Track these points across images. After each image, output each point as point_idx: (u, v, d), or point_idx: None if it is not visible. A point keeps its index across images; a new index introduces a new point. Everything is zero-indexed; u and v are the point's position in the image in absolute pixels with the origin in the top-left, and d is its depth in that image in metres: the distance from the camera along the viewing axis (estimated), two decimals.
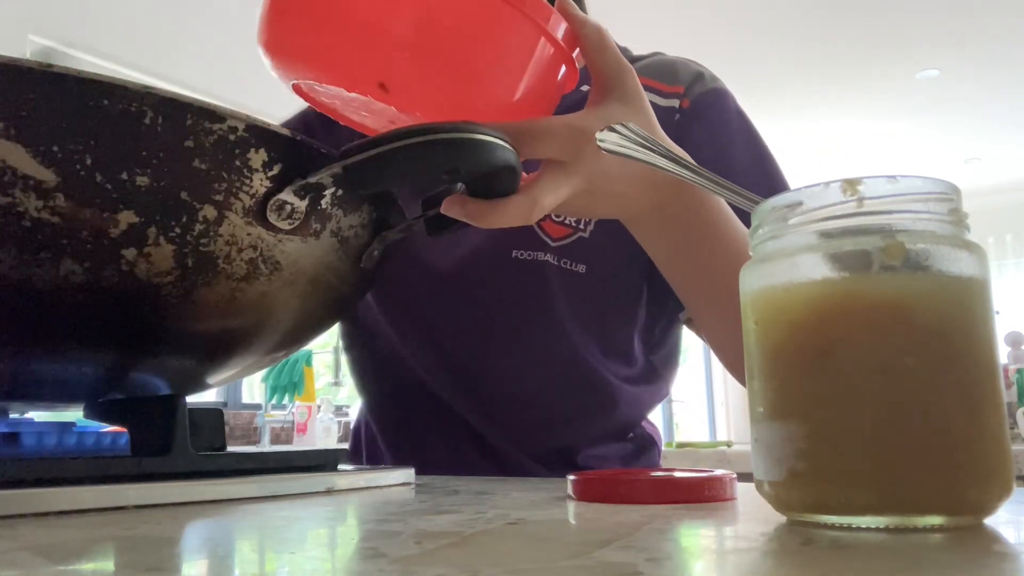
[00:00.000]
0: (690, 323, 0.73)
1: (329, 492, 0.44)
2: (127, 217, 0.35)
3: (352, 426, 0.88)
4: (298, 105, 0.67)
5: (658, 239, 0.55)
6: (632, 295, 0.71)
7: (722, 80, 0.73)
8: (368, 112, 0.48)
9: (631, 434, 0.76)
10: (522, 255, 0.67)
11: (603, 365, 0.71)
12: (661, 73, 0.71)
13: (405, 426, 0.75)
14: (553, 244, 0.67)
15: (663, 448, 0.81)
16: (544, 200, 0.44)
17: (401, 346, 0.74)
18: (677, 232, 0.54)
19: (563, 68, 0.47)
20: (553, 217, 0.67)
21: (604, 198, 0.48)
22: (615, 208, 0.50)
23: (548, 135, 0.44)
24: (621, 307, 0.71)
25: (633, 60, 0.75)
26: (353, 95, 0.45)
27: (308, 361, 3.16)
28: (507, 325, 0.69)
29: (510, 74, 0.44)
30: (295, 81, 0.47)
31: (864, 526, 0.27)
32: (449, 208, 0.45)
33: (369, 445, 0.81)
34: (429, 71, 0.43)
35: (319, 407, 3.10)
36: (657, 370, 0.76)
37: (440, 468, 0.68)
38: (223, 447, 0.49)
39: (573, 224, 0.67)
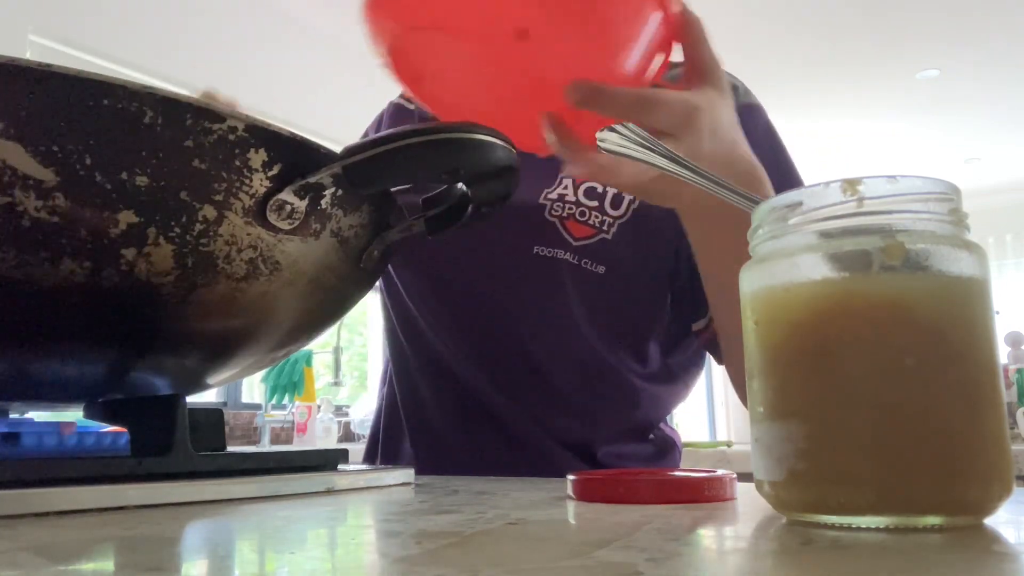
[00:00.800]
0: (698, 335, 0.73)
1: (329, 492, 0.44)
2: (127, 217, 0.35)
3: (372, 423, 0.89)
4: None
5: (712, 235, 0.56)
6: (648, 298, 0.72)
7: (755, 95, 0.74)
8: (467, 76, 0.47)
9: (651, 435, 0.77)
10: (543, 252, 0.69)
11: (620, 362, 0.72)
12: None
13: (431, 416, 0.76)
14: (575, 244, 0.68)
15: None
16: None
17: (431, 333, 0.75)
18: (734, 231, 0.55)
19: (660, 57, 0.47)
20: (578, 217, 0.69)
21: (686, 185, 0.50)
22: (696, 192, 0.51)
23: (667, 104, 0.45)
24: (637, 309, 0.72)
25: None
26: (466, 55, 0.44)
27: (308, 361, 3.16)
28: (525, 317, 0.71)
29: (629, 40, 0.45)
30: (393, 39, 0.45)
31: (864, 526, 0.27)
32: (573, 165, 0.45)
33: (386, 441, 0.82)
34: (564, 20, 0.43)
35: (319, 407, 3.10)
36: (674, 372, 0.77)
37: (463, 461, 0.69)
38: (223, 447, 0.49)
39: (596, 226, 0.69)
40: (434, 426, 0.76)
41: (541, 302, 0.70)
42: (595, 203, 0.69)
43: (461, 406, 0.74)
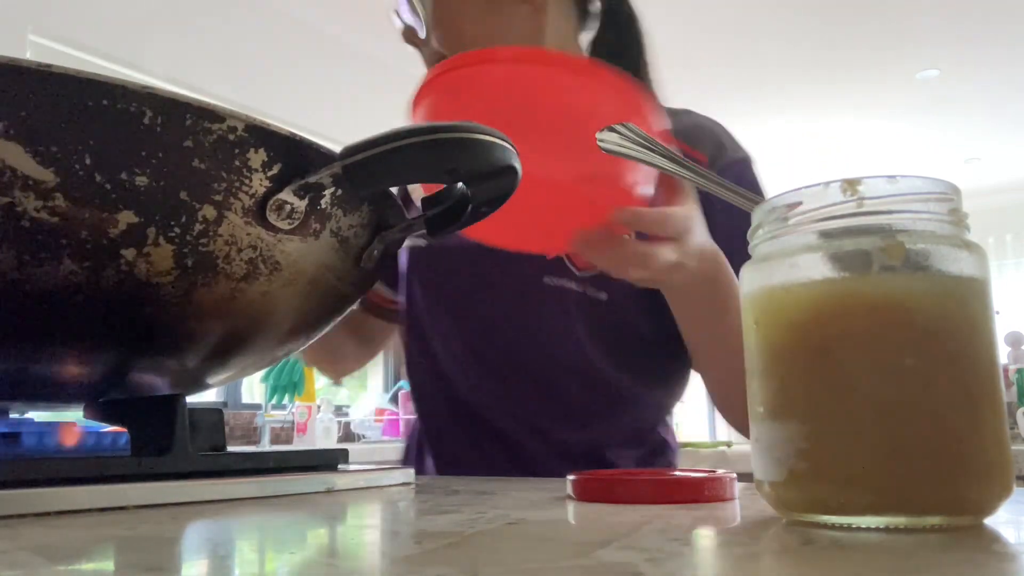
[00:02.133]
0: None
1: (329, 492, 0.44)
2: (126, 217, 0.35)
3: (408, 433, 0.98)
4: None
5: (690, 308, 0.68)
6: (645, 319, 0.79)
7: (744, 148, 0.80)
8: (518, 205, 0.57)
9: (649, 437, 0.85)
10: (552, 281, 0.77)
11: (623, 376, 0.79)
12: (685, 135, 0.78)
13: (446, 434, 0.85)
14: (579, 274, 0.77)
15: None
16: (661, 257, 0.56)
17: (449, 362, 0.83)
18: (706, 306, 0.67)
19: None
20: None
21: (683, 271, 0.60)
22: (684, 278, 0.62)
23: (675, 219, 0.56)
24: (636, 329, 0.79)
25: None
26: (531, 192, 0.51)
27: None
28: (537, 340, 0.79)
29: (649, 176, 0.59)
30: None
31: (864, 526, 0.27)
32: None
33: (418, 457, 0.90)
34: (620, 170, 0.56)
35: (319, 407, 3.09)
36: (672, 378, 0.85)
37: (475, 475, 0.76)
38: (223, 447, 0.49)
39: None
40: (450, 445, 0.84)
41: (551, 327, 0.78)
42: None
43: (472, 426, 0.82)
